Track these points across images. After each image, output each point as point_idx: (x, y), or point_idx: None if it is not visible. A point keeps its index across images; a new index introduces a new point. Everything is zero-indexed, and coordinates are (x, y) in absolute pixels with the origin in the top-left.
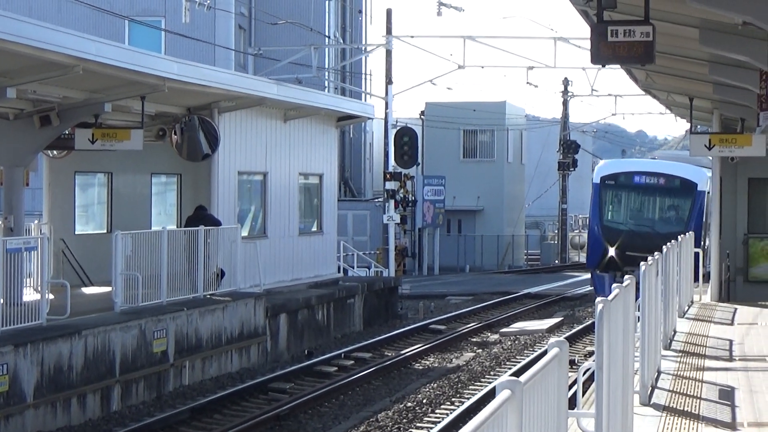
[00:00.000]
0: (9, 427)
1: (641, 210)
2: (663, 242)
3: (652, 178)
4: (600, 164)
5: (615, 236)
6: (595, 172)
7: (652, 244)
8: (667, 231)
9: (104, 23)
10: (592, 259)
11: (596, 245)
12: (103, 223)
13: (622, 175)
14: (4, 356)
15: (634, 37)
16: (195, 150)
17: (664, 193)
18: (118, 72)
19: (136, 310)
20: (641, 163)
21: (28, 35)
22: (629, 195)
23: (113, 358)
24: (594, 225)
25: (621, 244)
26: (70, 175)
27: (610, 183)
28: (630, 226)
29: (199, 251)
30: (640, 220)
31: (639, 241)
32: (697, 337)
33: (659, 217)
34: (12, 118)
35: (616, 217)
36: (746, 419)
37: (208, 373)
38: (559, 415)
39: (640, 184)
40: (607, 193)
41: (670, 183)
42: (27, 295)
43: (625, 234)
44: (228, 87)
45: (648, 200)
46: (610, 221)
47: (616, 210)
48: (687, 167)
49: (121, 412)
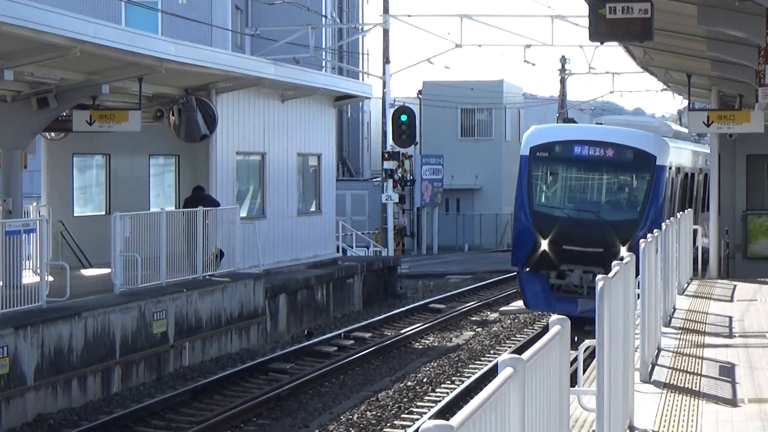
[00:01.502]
0: (10, 410)
1: (583, 191)
2: (612, 233)
3: (598, 148)
4: (529, 131)
5: (548, 225)
6: (523, 141)
7: (597, 235)
8: (616, 219)
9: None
10: (518, 254)
11: (524, 237)
12: (101, 205)
13: (557, 144)
14: (4, 338)
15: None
16: (193, 131)
17: (613, 168)
18: (116, 53)
19: (136, 292)
20: (583, 130)
21: (25, 17)
22: (567, 171)
23: (113, 340)
24: (521, 211)
25: (556, 236)
26: (68, 157)
27: (542, 155)
28: (568, 212)
29: (198, 232)
30: (581, 204)
31: (580, 232)
32: (697, 314)
33: (606, 200)
34: (10, 101)
35: (550, 201)
36: (747, 395)
37: (208, 354)
38: (560, 393)
39: (581, 156)
40: (538, 169)
41: (621, 155)
42: (26, 277)
43: (562, 222)
44: (225, 67)
45: (592, 178)
46: (542, 205)
47: (550, 191)
48: (644, 135)
49: (122, 393)
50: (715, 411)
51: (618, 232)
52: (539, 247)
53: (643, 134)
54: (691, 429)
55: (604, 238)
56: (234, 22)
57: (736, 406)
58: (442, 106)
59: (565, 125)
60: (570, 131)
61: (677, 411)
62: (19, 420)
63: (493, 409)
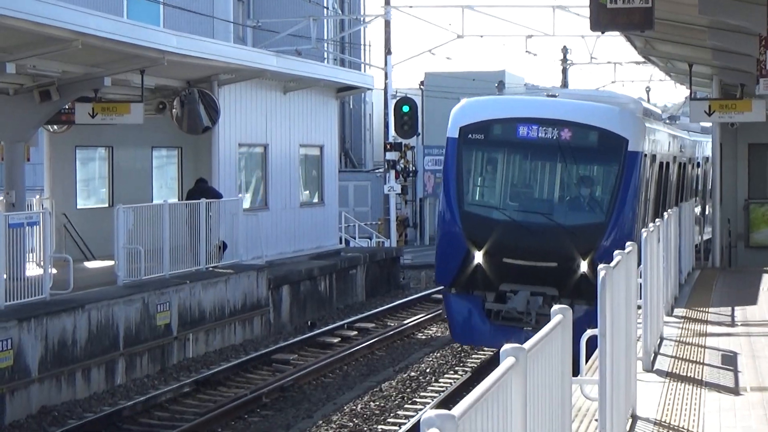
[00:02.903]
0: (14, 402)
1: (530, 186)
2: (569, 242)
3: (550, 129)
4: (459, 105)
5: (484, 231)
6: (450, 119)
7: (549, 245)
8: (575, 223)
9: None
10: (443, 270)
11: (451, 247)
12: (104, 197)
13: (495, 123)
14: (8, 331)
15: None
16: (195, 123)
17: (570, 155)
18: (117, 46)
19: (139, 284)
20: (530, 104)
21: (27, 10)
22: (509, 159)
23: (117, 332)
24: (447, 212)
25: (494, 246)
26: (71, 149)
27: (476, 138)
28: (510, 214)
29: (201, 224)
30: (528, 203)
31: (526, 241)
32: (700, 303)
33: (562, 198)
34: (12, 94)
35: (486, 199)
36: (749, 384)
37: (211, 345)
38: (563, 382)
39: (528, 139)
40: (470, 157)
41: (582, 138)
42: (30, 270)
43: (502, 227)
44: (227, 59)
45: (542, 169)
46: (475, 205)
47: (486, 186)
48: (611, 111)
49: (126, 385)
50: (718, 399)
51: (577, 241)
52: (471, 261)
53: (610, 110)
54: (694, 418)
55: (559, 248)
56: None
57: (738, 394)
58: (444, 97)
59: (505, 98)
60: (513, 106)
61: (680, 400)
62: (23, 412)
63: (495, 399)
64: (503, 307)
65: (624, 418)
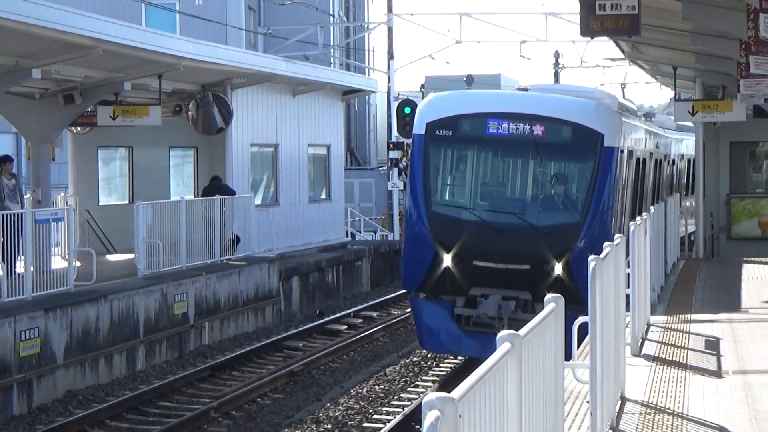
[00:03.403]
0: (41, 386)
1: (501, 185)
2: (542, 244)
3: (522, 124)
4: (426, 100)
5: (453, 233)
6: (417, 115)
7: (521, 247)
8: (548, 223)
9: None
10: (410, 273)
11: (418, 249)
12: (125, 195)
13: (464, 119)
14: (35, 320)
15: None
16: (210, 124)
17: (544, 151)
18: (136, 52)
19: (158, 275)
20: (501, 98)
21: (51, 18)
22: (479, 157)
23: (137, 321)
24: (414, 212)
25: (464, 248)
26: (93, 149)
27: (444, 134)
28: (480, 215)
29: (216, 219)
30: (499, 203)
31: (497, 243)
32: (684, 291)
33: (535, 197)
34: (38, 98)
35: (454, 198)
36: (731, 368)
37: (226, 333)
38: (556, 366)
39: (498, 136)
40: (438, 154)
41: (556, 133)
42: (55, 262)
43: (472, 229)
44: (240, 64)
45: (513, 166)
46: (443, 205)
47: (454, 185)
48: (586, 105)
49: (146, 370)
50: (702, 382)
51: (551, 243)
52: (440, 264)
53: (585, 104)
54: (679, 399)
55: (532, 250)
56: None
57: (720, 377)
58: None
59: (474, 92)
60: (483, 100)
61: (666, 382)
62: (50, 396)
63: (492, 382)
64: (473, 312)
65: (613, 399)
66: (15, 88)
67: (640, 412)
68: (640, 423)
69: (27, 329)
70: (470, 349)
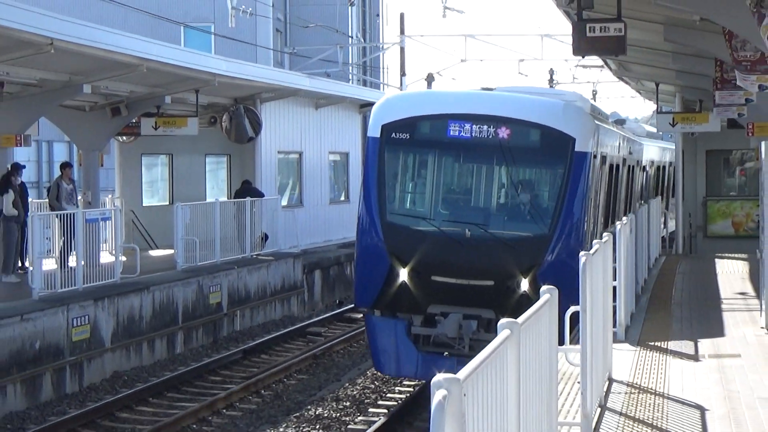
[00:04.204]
0: (91, 368)
1: (463, 193)
2: (508, 258)
3: (485, 126)
4: (381, 100)
5: (409, 245)
6: (371, 116)
7: (484, 261)
8: (514, 235)
9: (163, 29)
10: (363, 289)
11: (371, 262)
12: (165, 196)
13: (422, 121)
14: (86, 309)
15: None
16: (241, 134)
17: (509, 157)
18: (176, 69)
19: (195, 269)
20: (463, 98)
21: (101, 40)
22: (439, 162)
23: (176, 309)
24: (367, 222)
25: (422, 262)
26: (138, 156)
27: (401, 138)
28: (440, 225)
29: (246, 219)
30: (460, 212)
31: (458, 256)
32: (665, 283)
33: (500, 207)
34: (88, 110)
35: (411, 208)
36: (707, 352)
37: (255, 320)
38: (550, 350)
39: (460, 139)
40: (394, 159)
41: (523, 137)
42: (103, 257)
43: (431, 241)
44: (268, 81)
45: (477, 172)
46: (399, 215)
47: (411, 193)
48: (555, 106)
49: (184, 354)
50: (681, 365)
51: (517, 256)
52: (395, 279)
53: (554, 104)
54: (661, 380)
55: (496, 264)
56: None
57: (698, 360)
58: None
59: (434, 91)
60: (443, 101)
61: (649, 365)
62: (98, 376)
63: (494, 365)
64: (431, 332)
65: (602, 380)
66: (68, 102)
67: (626, 392)
68: (625, 401)
69: (78, 317)
70: (428, 373)
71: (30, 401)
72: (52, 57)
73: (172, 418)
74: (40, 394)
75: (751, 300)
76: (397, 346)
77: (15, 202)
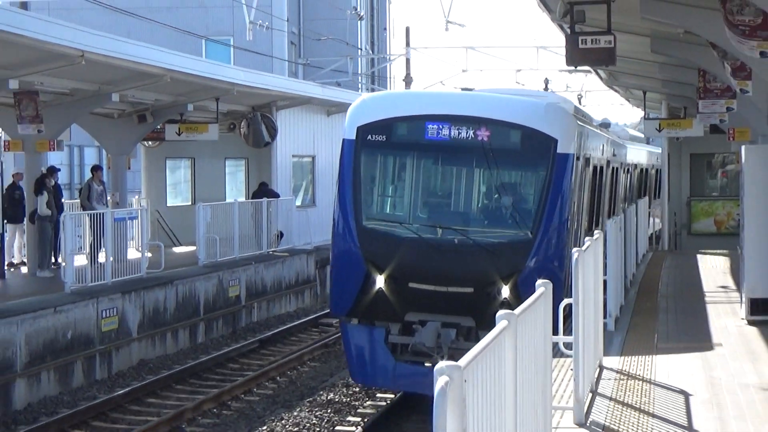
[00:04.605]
0: (119, 356)
1: (442, 196)
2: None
3: (464, 128)
4: (357, 101)
5: (386, 251)
6: (347, 118)
7: (463, 267)
8: (495, 240)
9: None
10: (339, 296)
11: (347, 269)
12: (188, 197)
13: (399, 122)
14: (114, 301)
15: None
16: (258, 139)
17: (489, 159)
18: (198, 79)
19: (215, 264)
20: (441, 99)
21: (128, 52)
22: (416, 165)
23: (198, 302)
24: (342, 227)
25: (399, 268)
26: (162, 160)
27: (377, 140)
28: (418, 231)
29: (263, 218)
30: (438, 217)
31: (436, 263)
32: (652, 277)
33: (480, 211)
34: (116, 117)
35: (388, 212)
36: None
37: (271, 312)
38: (545, 340)
39: (438, 141)
40: (370, 162)
41: (503, 138)
42: (130, 253)
43: (408, 246)
44: (283, 90)
45: (456, 176)
46: (376, 220)
47: (388, 197)
48: (536, 106)
49: (205, 343)
50: (666, 353)
51: (497, 262)
52: (372, 286)
53: (536, 105)
54: (648, 366)
55: (476, 271)
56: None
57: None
58: None
59: (411, 92)
60: (421, 102)
61: (637, 353)
62: (126, 364)
63: (493, 353)
64: (409, 340)
65: (593, 368)
66: (98, 110)
67: (616, 378)
68: (615, 387)
69: (107, 309)
70: (404, 383)
71: (63, 387)
72: (83, 68)
73: (195, 403)
74: (72, 381)
75: (732, 293)
76: (374, 355)
77: (49, 202)
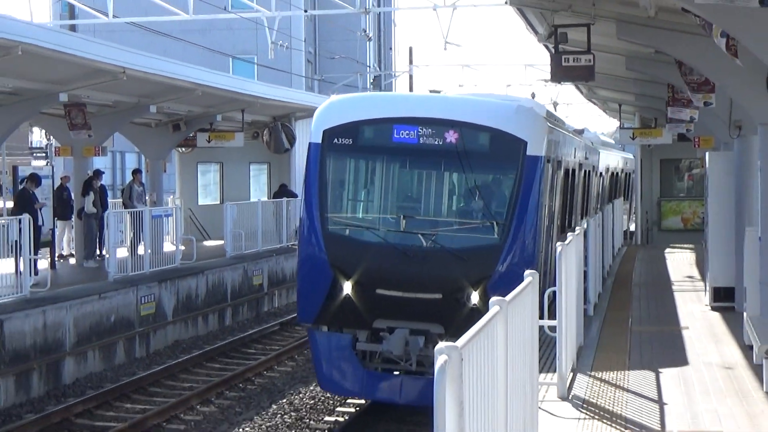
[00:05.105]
0: (156, 337)
1: (410, 200)
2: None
3: (432, 130)
4: (324, 104)
5: (353, 257)
6: (314, 121)
7: (432, 273)
8: (464, 245)
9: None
10: (306, 302)
11: (314, 274)
12: (217, 197)
13: (366, 125)
14: (152, 289)
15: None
16: (279, 146)
17: (458, 162)
18: (226, 93)
19: (241, 256)
20: (408, 102)
21: (164, 69)
22: (384, 169)
23: (226, 289)
24: (309, 232)
25: (366, 274)
26: (194, 164)
27: (344, 143)
28: (385, 236)
29: (283, 215)
30: (406, 222)
31: (404, 268)
32: (626, 269)
33: (447, 214)
34: (153, 126)
35: (355, 216)
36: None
37: (291, 298)
38: (532, 323)
39: (406, 144)
40: (337, 166)
41: (472, 141)
42: (166, 246)
43: (376, 252)
44: (301, 102)
45: (424, 179)
46: (342, 224)
47: (355, 201)
48: (506, 108)
49: (232, 326)
50: (639, 333)
51: (466, 268)
52: (339, 293)
53: (505, 107)
54: (622, 344)
55: (444, 277)
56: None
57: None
58: None
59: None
60: (388, 104)
61: (613, 333)
62: (162, 344)
63: (487, 335)
64: (377, 348)
65: (574, 348)
66: (137, 120)
67: (595, 357)
68: (594, 366)
69: (146, 295)
70: (373, 391)
71: (106, 364)
72: (125, 83)
73: (222, 378)
74: (114, 359)
75: (697, 282)
76: (342, 363)
77: (95, 201)
